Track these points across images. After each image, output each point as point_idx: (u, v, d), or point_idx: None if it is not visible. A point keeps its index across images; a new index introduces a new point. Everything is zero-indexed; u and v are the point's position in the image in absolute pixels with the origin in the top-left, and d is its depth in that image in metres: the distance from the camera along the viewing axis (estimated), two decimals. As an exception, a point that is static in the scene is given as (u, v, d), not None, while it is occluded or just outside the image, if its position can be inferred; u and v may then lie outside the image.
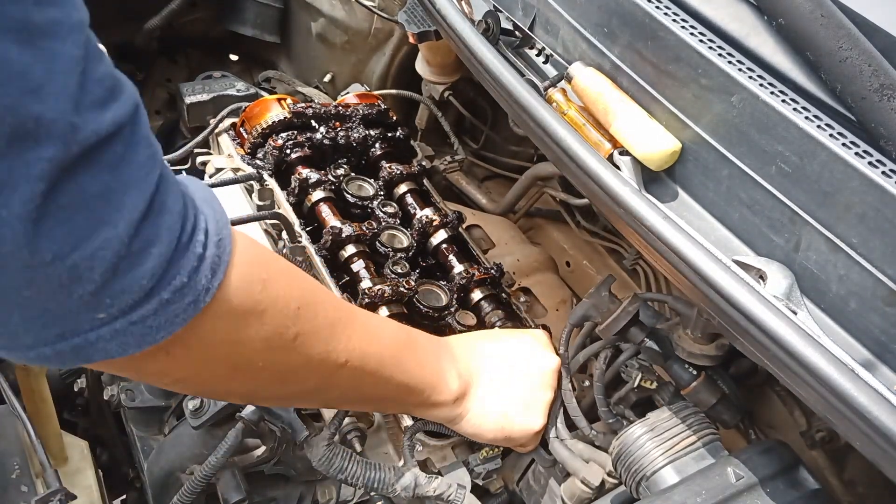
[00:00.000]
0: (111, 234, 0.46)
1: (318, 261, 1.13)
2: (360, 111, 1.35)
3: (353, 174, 1.30)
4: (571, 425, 0.96)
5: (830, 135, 0.66)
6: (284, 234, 1.13)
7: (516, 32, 1.02)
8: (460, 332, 1.13)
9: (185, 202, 0.52)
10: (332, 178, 1.25)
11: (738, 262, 0.71)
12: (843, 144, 0.65)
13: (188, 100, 1.56)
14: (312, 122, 1.32)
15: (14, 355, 0.49)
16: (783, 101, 0.70)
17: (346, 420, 0.94)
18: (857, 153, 0.65)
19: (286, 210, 1.20)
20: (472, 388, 0.89)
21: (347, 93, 1.50)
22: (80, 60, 0.43)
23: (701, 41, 0.77)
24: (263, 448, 0.98)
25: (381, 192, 1.29)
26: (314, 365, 0.69)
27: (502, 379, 0.92)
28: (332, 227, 1.15)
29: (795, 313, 0.66)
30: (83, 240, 0.45)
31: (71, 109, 0.43)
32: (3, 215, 0.41)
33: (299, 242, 1.13)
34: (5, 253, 0.42)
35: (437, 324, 1.15)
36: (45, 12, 0.41)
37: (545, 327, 1.18)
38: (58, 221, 0.43)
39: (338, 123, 1.33)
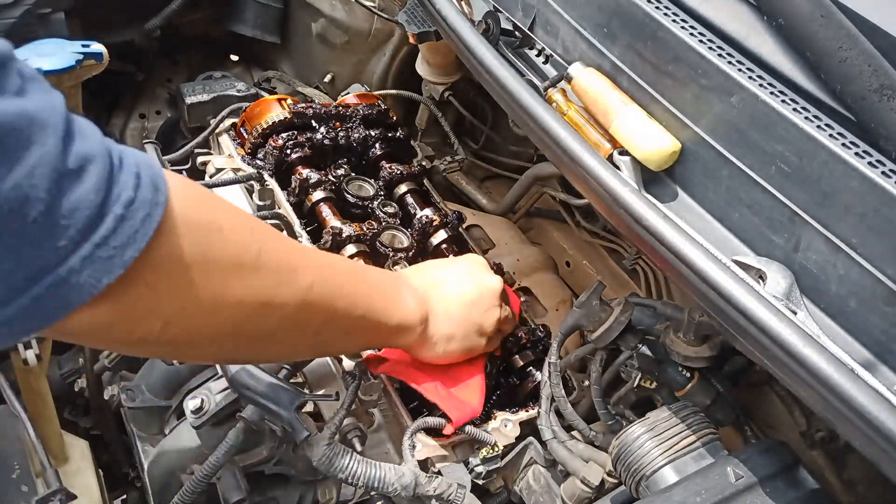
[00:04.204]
0: (43, 151, 0.46)
1: (318, 261, 1.13)
2: (360, 111, 1.36)
3: (353, 174, 1.30)
4: (569, 428, 0.96)
5: (830, 135, 0.67)
6: (285, 234, 1.13)
7: (516, 33, 1.02)
8: None
9: (102, 135, 0.53)
10: (332, 178, 1.25)
11: (737, 262, 0.71)
12: (843, 144, 0.66)
13: (189, 100, 1.56)
14: (313, 122, 1.32)
15: None
16: (783, 101, 0.70)
17: (347, 420, 0.94)
18: (856, 153, 0.65)
19: (286, 210, 1.20)
20: (430, 308, 0.93)
21: (348, 93, 1.50)
22: None
23: (701, 41, 0.77)
24: (263, 448, 0.98)
25: (382, 192, 1.30)
26: (283, 289, 0.69)
27: (454, 297, 0.96)
28: (332, 227, 1.16)
29: (795, 313, 0.66)
30: (18, 159, 0.45)
31: None
32: None
33: (300, 242, 1.13)
34: None
35: None
36: None
37: (545, 327, 1.18)
38: None
39: (338, 123, 1.34)
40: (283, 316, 0.71)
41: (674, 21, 0.79)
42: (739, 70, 0.73)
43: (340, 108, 1.35)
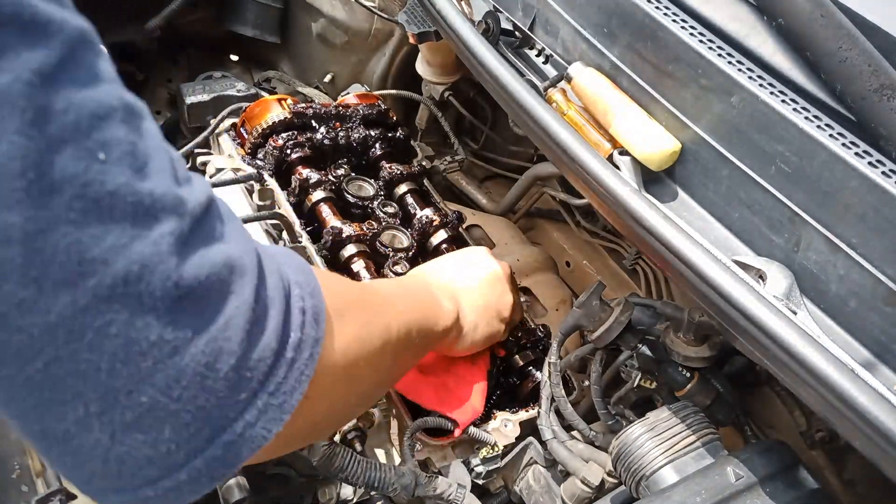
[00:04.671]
0: (239, 302, 0.45)
1: (318, 261, 1.13)
2: (361, 111, 1.36)
3: (353, 174, 1.30)
4: (569, 428, 0.96)
5: (830, 135, 0.67)
6: (285, 235, 1.13)
7: (516, 33, 1.02)
8: None
9: (274, 263, 0.52)
10: (332, 179, 1.25)
11: (737, 262, 0.72)
12: (843, 144, 0.66)
13: (188, 100, 1.56)
14: (313, 122, 1.32)
15: (155, 492, 0.44)
16: (783, 101, 0.70)
17: (347, 420, 0.94)
18: (856, 153, 0.65)
19: (286, 210, 1.20)
20: (459, 305, 0.95)
21: (348, 93, 1.50)
22: (163, 139, 0.44)
23: (701, 41, 0.77)
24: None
25: (382, 192, 1.30)
26: (391, 347, 0.71)
27: (474, 288, 0.99)
28: (332, 227, 1.16)
29: (795, 313, 0.66)
30: (217, 311, 0.44)
31: (173, 183, 0.43)
32: (147, 301, 0.40)
33: (299, 242, 1.13)
34: (153, 341, 0.41)
35: None
36: (130, 95, 0.42)
37: (545, 327, 1.18)
38: (194, 297, 0.42)
39: (338, 124, 1.34)
40: (393, 352, 0.72)
41: (674, 21, 0.79)
42: (739, 70, 0.73)
43: (340, 108, 1.35)
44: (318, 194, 1.23)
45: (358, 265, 1.15)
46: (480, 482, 0.99)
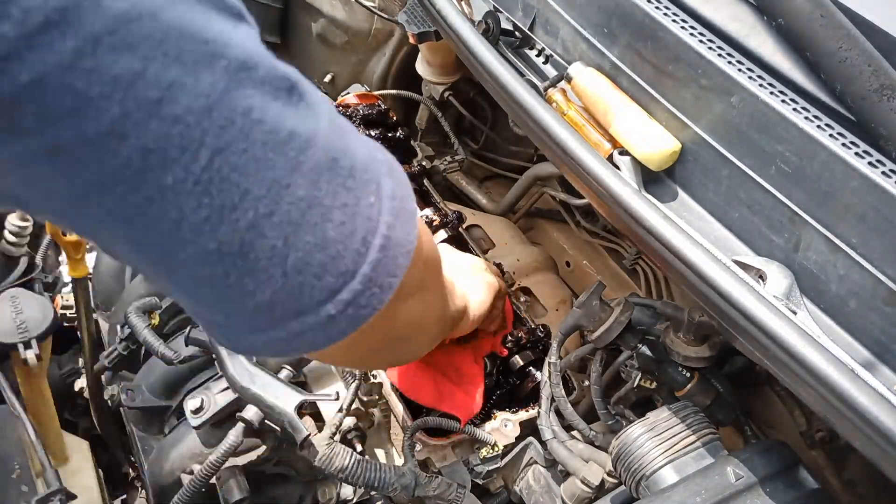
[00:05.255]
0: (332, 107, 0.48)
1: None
2: (361, 111, 1.36)
3: (353, 174, 1.30)
4: (569, 428, 0.96)
5: (830, 135, 0.67)
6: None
7: (516, 33, 1.02)
8: None
9: None
10: (332, 179, 1.25)
11: (737, 262, 0.72)
12: (843, 144, 0.66)
13: (188, 100, 1.56)
14: (313, 122, 1.32)
15: (336, 308, 0.45)
16: (783, 101, 0.70)
17: (347, 420, 0.94)
18: (856, 153, 0.65)
19: (286, 210, 1.20)
20: (464, 290, 0.95)
21: (348, 93, 1.50)
22: None
23: (701, 41, 0.77)
24: (264, 448, 0.98)
25: (382, 192, 1.29)
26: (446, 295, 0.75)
27: (460, 267, 1.02)
28: (332, 227, 1.15)
29: (795, 313, 0.67)
30: (322, 109, 0.45)
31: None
32: (269, 89, 0.41)
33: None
34: (290, 130, 0.41)
35: None
36: None
37: (545, 327, 1.18)
38: (299, 91, 0.44)
39: (338, 123, 1.33)
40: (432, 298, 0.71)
41: (674, 21, 0.79)
42: (739, 70, 0.73)
43: (340, 108, 1.36)
44: (318, 194, 1.22)
45: (358, 265, 1.15)
46: (480, 482, 0.99)
